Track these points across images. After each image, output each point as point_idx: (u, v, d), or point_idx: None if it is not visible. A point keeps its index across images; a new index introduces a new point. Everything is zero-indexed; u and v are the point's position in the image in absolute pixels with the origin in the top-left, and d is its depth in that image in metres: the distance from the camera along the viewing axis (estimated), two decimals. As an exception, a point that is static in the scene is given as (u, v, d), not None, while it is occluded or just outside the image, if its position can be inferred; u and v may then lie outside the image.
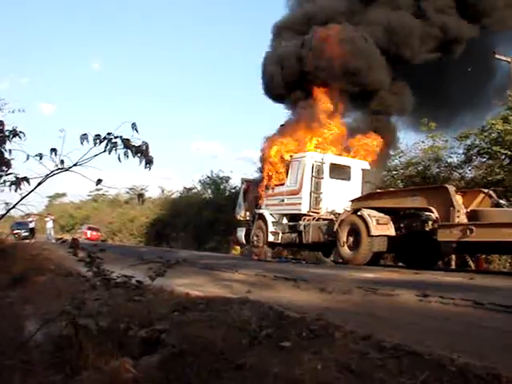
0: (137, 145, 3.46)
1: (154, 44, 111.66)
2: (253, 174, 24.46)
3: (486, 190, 13.47)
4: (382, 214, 14.13)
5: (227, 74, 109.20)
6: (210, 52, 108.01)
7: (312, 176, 17.16)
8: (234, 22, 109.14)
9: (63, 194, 74.17)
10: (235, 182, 36.42)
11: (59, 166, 3.56)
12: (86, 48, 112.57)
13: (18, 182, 3.59)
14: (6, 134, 3.61)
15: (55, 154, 3.53)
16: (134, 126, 3.43)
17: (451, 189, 12.74)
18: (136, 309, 4.39)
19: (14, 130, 3.67)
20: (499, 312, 5.36)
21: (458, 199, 12.63)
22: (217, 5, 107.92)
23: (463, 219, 12.21)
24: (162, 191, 48.69)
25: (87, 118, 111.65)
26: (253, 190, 20.24)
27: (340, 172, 17.74)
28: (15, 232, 29.02)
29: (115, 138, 3.44)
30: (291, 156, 18.29)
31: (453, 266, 17.38)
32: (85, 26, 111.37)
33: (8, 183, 3.67)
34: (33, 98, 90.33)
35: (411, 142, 23.70)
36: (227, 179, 39.15)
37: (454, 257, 17.49)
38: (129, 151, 3.45)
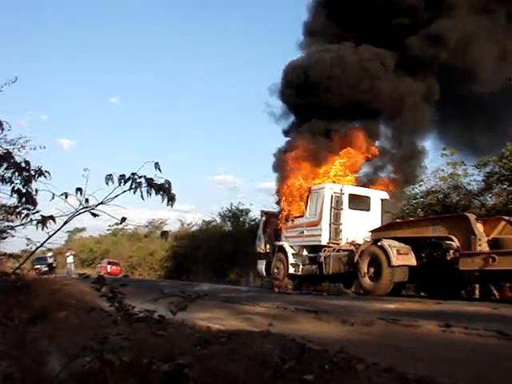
0: (159, 183, 3.55)
1: (171, 78, 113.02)
2: (272, 206, 24.45)
3: (507, 218, 13.33)
4: (402, 244, 14.04)
5: (246, 106, 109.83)
6: (224, 85, 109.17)
7: (331, 207, 17.12)
8: (246, 58, 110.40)
9: (83, 229, 74.55)
10: (255, 214, 36.44)
11: (84, 205, 3.65)
12: (104, 82, 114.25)
13: (44, 221, 3.68)
14: (32, 173, 3.71)
15: (80, 194, 3.62)
16: (156, 165, 3.52)
17: (471, 217, 12.65)
18: (158, 343, 4.40)
19: (40, 169, 3.78)
20: (524, 343, 5.29)
21: (478, 227, 12.54)
22: (234, 37, 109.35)
23: (485, 247, 12.10)
24: (182, 224, 48.78)
25: (107, 151, 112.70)
26: (272, 222, 20.24)
27: (359, 202, 17.69)
28: (36, 267, 29.24)
29: (139, 177, 3.53)
30: (310, 187, 18.31)
31: (476, 296, 17.12)
32: (102, 60, 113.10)
33: (35, 222, 3.76)
34: (53, 134, 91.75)
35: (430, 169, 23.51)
36: (247, 211, 39.21)
37: (477, 286, 17.25)
38: (152, 189, 3.54)
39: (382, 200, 17.98)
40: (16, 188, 3.71)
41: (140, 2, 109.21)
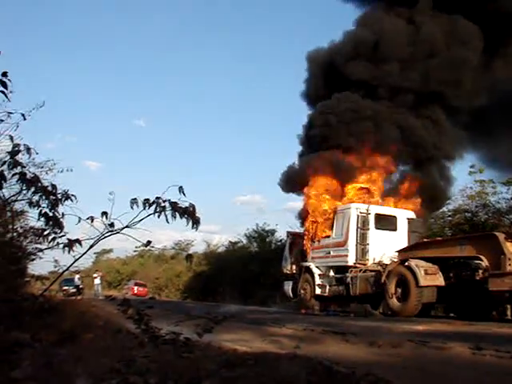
0: (184, 206, 3.58)
1: (197, 99, 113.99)
2: (298, 226, 24.37)
3: (537, 237, 13.10)
4: (430, 264, 13.89)
5: (271, 126, 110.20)
6: (250, 106, 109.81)
7: (357, 227, 17.04)
8: (273, 79, 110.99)
9: (110, 250, 75.08)
10: (281, 234, 36.33)
11: (109, 229, 3.69)
12: (130, 105, 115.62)
13: (70, 244, 3.73)
14: (59, 197, 3.76)
15: (106, 217, 3.67)
16: (181, 189, 3.55)
17: (500, 236, 12.47)
18: (184, 365, 4.39)
19: (66, 193, 3.83)
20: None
21: (508, 246, 12.33)
22: (259, 60, 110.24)
23: (515, 267, 11.90)
24: (208, 246, 48.83)
25: (133, 172, 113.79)
26: (298, 242, 20.18)
27: (386, 222, 17.57)
28: (64, 289, 29.47)
29: (164, 201, 3.57)
30: (336, 208, 18.25)
31: (508, 316, 16.77)
32: (128, 83, 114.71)
33: (61, 245, 3.81)
34: (80, 157, 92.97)
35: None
36: (273, 232, 39.09)
37: (509, 306, 16.92)
38: (176, 213, 3.57)
39: (408, 219, 17.83)
40: (43, 212, 3.77)
41: (163, 27, 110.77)
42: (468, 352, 6.08)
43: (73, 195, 3.86)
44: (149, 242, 4.03)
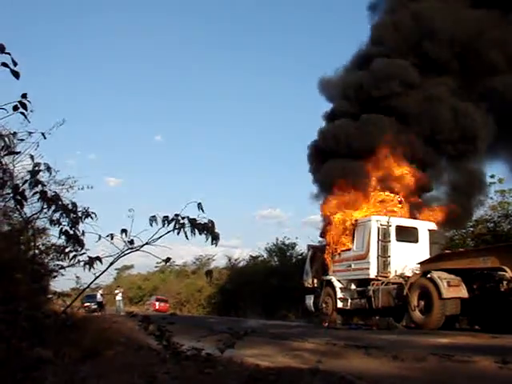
0: (203, 222, 3.60)
1: (219, 114, 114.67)
2: (319, 240, 24.28)
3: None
4: (452, 276, 13.74)
5: (289, 141, 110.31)
6: (270, 119, 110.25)
7: (378, 240, 16.95)
8: (288, 93, 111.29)
9: (131, 266, 75.41)
10: (301, 248, 36.24)
11: (129, 246, 3.72)
12: (149, 121, 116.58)
13: (91, 262, 3.76)
14: (79, 214, 3.80)
15: (125, 235, 3.69)
16: (199, 205, 3.57)
17: (524, 246, 12.32)
18: (206, 381, 4.38)
19: (86, 211, 3.87)
20: None
21: (532, 257, 12.17)
22: (276, 75, 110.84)
23: (540, 278, 11.73)
24: (229, 260, 48.84)
25: (152, 188, 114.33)
26: (319, 256, 20.10)
27: (407, 234, 17.44)
28: (86, 305, 29.65)
29: (182, 218, 3.59)
30: (356, 220, 18.17)
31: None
32: (147, 99, 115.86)
33: (82, 263, 3.85)
34: (99, 173, 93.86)
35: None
36: (293, 246, 38.99)
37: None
38: (195, 229, 3.59)
39: (429, 231, 17.69)
40: (64, 230, 3.81)
41: (182, 46, 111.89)
42: (494, 366, 5.98)
43: (93, 213, 3.91)
44: (168, 259, 4.07)
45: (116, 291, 37.58)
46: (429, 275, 14.11)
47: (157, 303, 49.82)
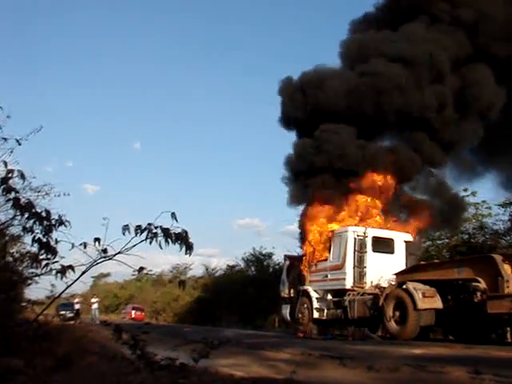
0: (177, 232, 3.59)
1: (196, 122, 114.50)
2: (296, 250, 24.31)
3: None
4: (427, 287, 13.84)
5: (268, 148, 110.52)
6: (248, 127, 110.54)
7: (355, 250, 16.99)
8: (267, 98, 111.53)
9: (107, 274, 74.77)
10: (278, 257, 36.26)
11: (103, 255, 3.70)
12: (127, 128, 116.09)
13: (63, 271, 3.73)
14: (53, 222, 3.77)
15: (99, 243, 3.67)
16: (173, 215, 3.57)
17: (498, 258, 12.43)
18: (180, 391, 4.35)
19: (60, 218, 3.84)
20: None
21: (506, 268, 12.28)
22: (255, 78, 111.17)
23: (513, 289, 11.84)
24: (206, 269, 48.65)
25: (129, 195, 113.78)
26: (296, 266, 20.10)
27: (383, 245, 17.53)
28: (61, 313, 29.27)
29: (155, 228, 3.58)
30: (333, 231, 18.21)
31: (508, 339, 16.64)
32: (125, 108, 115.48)
33: (54, 271, 3.81)
34: (77, 180, 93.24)
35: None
36: (270, 255, 38.98)
37: (508, 329, 16.80)
38: (169, 239, 3.58)
39: (406, 242, 17.81)
40: (37, 237, 3.77)
41: (160, 51, 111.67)
42: (466, 376, 6.03)
43: (67, 221, 3.88)
44: (142, 269, 4.04)
45: (92, 300, 37.22)
46: (404, 286, 14.20)
47: (133, 312, 49.45)
